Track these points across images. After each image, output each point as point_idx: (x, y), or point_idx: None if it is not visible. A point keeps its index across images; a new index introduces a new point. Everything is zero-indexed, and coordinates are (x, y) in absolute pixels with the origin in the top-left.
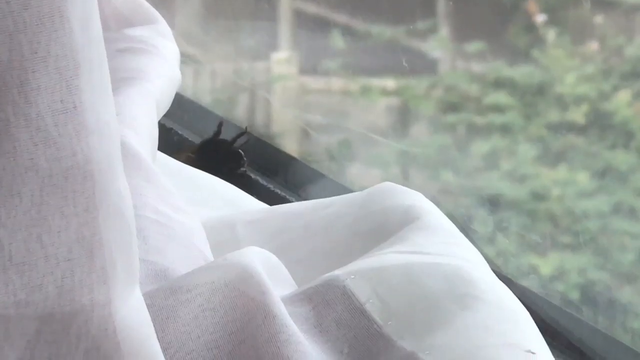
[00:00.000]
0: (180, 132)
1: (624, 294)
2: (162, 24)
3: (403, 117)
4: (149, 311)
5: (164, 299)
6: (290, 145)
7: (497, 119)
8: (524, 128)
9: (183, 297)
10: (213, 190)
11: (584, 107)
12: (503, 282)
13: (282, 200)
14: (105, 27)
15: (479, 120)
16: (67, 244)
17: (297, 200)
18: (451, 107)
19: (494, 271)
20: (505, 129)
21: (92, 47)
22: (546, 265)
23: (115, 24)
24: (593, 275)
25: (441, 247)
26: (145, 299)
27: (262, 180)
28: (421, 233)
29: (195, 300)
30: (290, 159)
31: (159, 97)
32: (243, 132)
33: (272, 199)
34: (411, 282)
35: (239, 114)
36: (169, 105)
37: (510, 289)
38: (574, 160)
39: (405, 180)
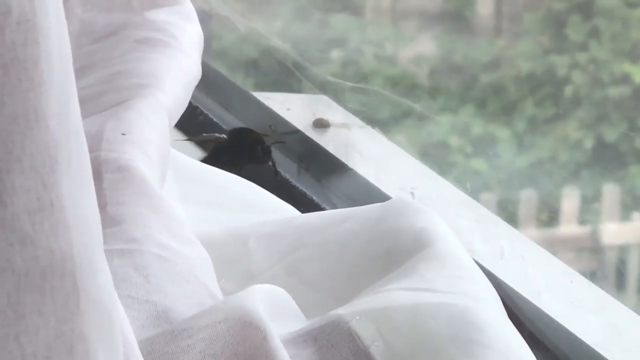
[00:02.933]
0: (205, 111)
1: None
2: (186, 4)
3: None
4: (149, 358)
5: (165, 344)
6: None
7: None
8: None
9: (184, 344)
10: (231, 191)
11: None
12: None
13: (309, 201)
14: (129, 8)
15: None
16: (45, 342)
17: (325, 199)
18: None
19: None
20: None
21: (70, 139)
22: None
23: (139, 4)
24: None
25: (450, 281)
26: (145, 345)
27: (293, 181)
28: (431, 264)
29: (196, 347)
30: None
31: (172, 106)
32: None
33: (298, 197)
34: (416, 324)
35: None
36: (185, 107)
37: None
38: None
39: None
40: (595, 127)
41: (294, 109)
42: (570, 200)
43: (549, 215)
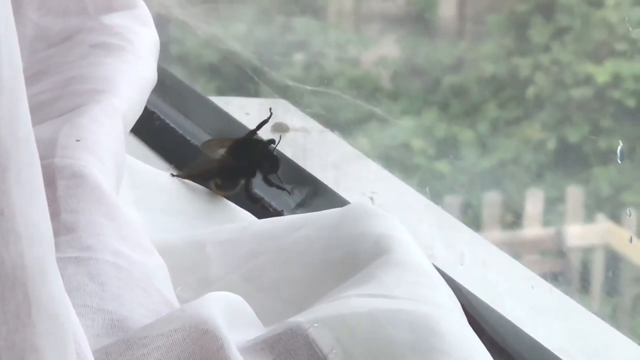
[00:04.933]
0: (162, 116)
1: None
2: (142, 9)
3: None
4: None
5: (120, 354)
6: None
7: None
8: None
9: (139, 352)
10: (187, 197)
11: None
12: None
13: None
14: (84, 12)
15: None
16: None
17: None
18: None
19: None
20: None
21: (21, 147)
22: (602, 73)
23: (94, 9)
24: None
25: (410, 288)
26: (100, 355)
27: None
28: (390, 271)
29: (152, 355)
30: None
31: (128, 111)
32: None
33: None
34: (375, 331)
35: None
36: (140, 112)
37: None
38: None
39: None
40: (558, 128)
41: (252, 113)
42: (533, 202)
43: (513, 218)
